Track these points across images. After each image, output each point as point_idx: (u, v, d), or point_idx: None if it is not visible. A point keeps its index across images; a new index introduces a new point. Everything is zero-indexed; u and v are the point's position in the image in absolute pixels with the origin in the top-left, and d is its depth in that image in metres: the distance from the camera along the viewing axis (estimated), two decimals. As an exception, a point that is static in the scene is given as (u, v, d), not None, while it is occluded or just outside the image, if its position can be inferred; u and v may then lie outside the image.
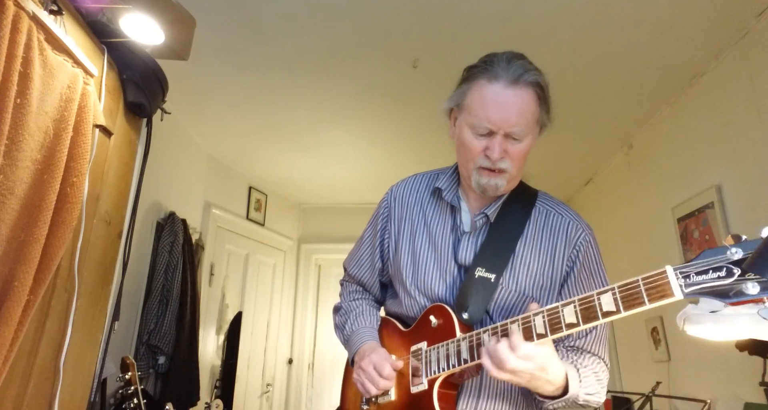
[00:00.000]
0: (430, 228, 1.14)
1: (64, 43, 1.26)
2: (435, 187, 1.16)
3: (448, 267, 1.09)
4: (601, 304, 0.76)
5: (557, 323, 0.81)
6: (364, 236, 1.30)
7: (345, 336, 1.23)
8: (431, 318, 1.04)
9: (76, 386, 1.41)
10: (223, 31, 2.29)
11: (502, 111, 0.98)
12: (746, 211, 2.21)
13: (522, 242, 1.06)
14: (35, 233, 1.12)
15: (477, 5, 2.09)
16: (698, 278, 0.65)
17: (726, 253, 0.65)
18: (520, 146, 1.01)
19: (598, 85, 2.63)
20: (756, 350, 1.81)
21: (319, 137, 3.37)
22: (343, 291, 1.37)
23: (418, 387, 1.01)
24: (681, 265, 0.68)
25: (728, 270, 0.64)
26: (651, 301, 0.69)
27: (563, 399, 0.92)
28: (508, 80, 0.99)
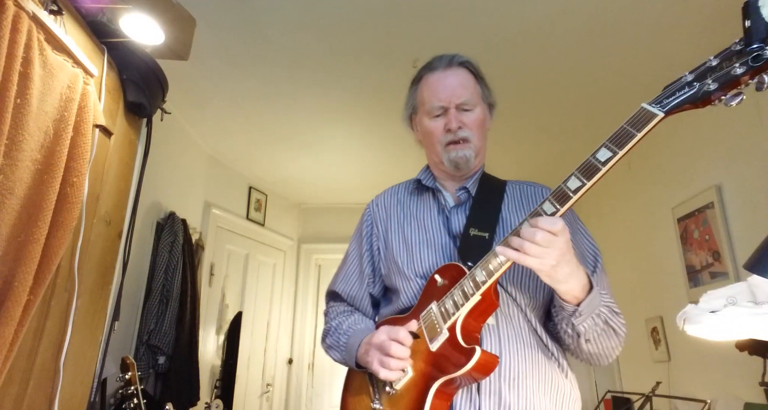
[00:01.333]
0: (417, 216, 1.19)
1: (64, 43, 1.26)
2: (415, 180, 1.25)
3: (441, 242, 1.13)
4: (598, 157, 0.82)
5: (563, 195, 0.85)
6: (348, 252, 1.31)
7: (342, 347, 1.16)
8: (436, 277, 1.04)
9: (76, 386, 1.41)
10: (223, 31, 2.29)
11: (447, 88, 1.14)
12: (746, 211, 2.21)
13: (505, 207, 1.15)
14: (35, 234, 1.12)
15: (477, 5, 2.09)
16: (668, 100, 0.76)
17: (682, 79, 0.76)
18: (473, 115, 1.14)
19: (598, 85, 2.63)
20: (756, 350, 1.81)
21: (319, 137, 3.38)
22: (329, 315, 1.30)
23: (438, 339, 0.97)
24: (650, 100, 0.78)
25: (689, 85, 0.75)
26: (639, 130, 0.78)
27: (589, 298, 0.91)
28: (443, 66, 1.17)
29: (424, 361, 0.99)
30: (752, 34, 0.66)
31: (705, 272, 2.44)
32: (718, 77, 0.72)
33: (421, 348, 1.00)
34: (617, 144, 0.81)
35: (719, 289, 1.08)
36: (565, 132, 3.15)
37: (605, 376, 3.78)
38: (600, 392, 3.76)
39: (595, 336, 0.97)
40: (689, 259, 2.58)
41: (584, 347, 0.99)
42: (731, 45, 0.71)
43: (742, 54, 0.69)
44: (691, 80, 0.75)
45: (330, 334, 1.22)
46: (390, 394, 1.03)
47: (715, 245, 2.36)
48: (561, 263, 0.86)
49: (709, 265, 2.41)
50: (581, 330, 0.95)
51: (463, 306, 0.95)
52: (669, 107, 0.76)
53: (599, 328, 0.96)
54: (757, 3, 0.67)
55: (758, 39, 0.66)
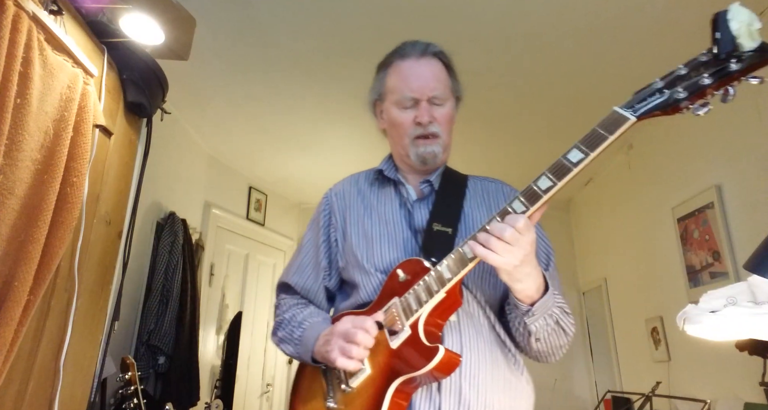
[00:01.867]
0: (377, 209, 1.16)
1: (64, 43, 1.26)
2: (376, 170, 1.21)
3: (402, 235, 1.10)
4: (570, 158, 0.82)
5: (534, 194, 0.84)
6: (302, 243, 1.25)
7: (296, 340, 1.10)
8: (398, 272, 1.00)
9: (76, 386, 1.41)
10: (223, 32, 2.29)
11: (420, 79, 1.09)
12: (746, 211, 2.21)
13: (467, 202, 1.13)
14: (35, 233, 1.12)
15: (477, 5, 2.09)
16: (640, 105, 0.77)
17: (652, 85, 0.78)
18: (443, 110, 1.11)
19: (597, 85, 2.63)
20: (756, 350, 1.81)
21: (319, 137, 3.38)
22: (281, 308, 1.22)
23: (399, 336, 0.94)
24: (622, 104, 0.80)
25: (660, 91, 0.77)
26: (611, 133, 0.79)
27: (543, 299, 0.92)
28: (417, 54, 1.12)
29: (383, 358, 0.96)
30: (720, 47, 0.68)
31: (705, 272, 2.44)
32: (687, 86, 0.73)
33: (380, 345, 0.96)
34: (589, 146, 0.81)
35: (719, 289, 1.08)
36: (564, 132, 3.15)
37: (605, 376, 3.79)
38: (600, 392, 3.77)
39: (546, 336, 0.97)
40: (689, 259, 2.58)
41: (534, 345, 0.99)
42: (699, 55, 0.72)
43: (709, 65, 0.71)
44: (662, 87, 0.76)
45: (282, 327, 1.16)
46: (346, 392, 0.99)
47: (715, 245, 2.36)
48: (524, 262, 0.86)
49: (709, 265, 2.41)
50: (533, 329, 0.95)
51: (427, 303, 0.93)
52: (640, 112, 0.77)
53: (550, 328, 0.96)
54: (726, 16, 0.68)
55: (725, 51, 0.68)
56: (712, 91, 0.71)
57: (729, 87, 0.71)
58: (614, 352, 3.57)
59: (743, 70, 0.69)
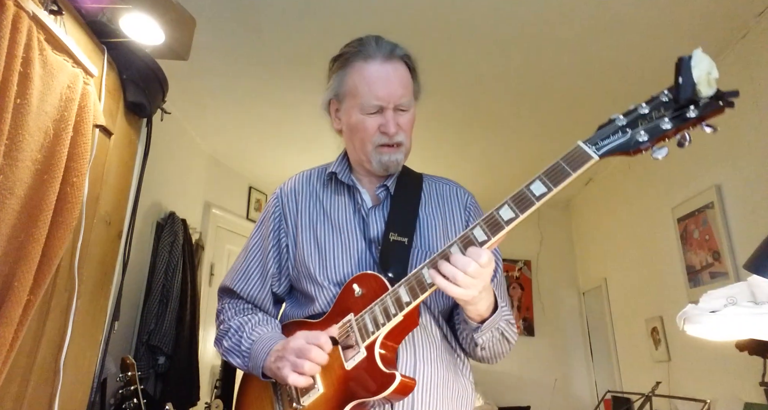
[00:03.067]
0: (330, 215, 1.11)
1: (64, 43, 1.26)
2: (329, 172, 1.16)
3: (356, 247, 1.06)
4: (533, 190, 0.82)
5: (496, 224, 0.83)
6: (249, 246, 1.17)
7: (244, 352, 1.03)
8: (354, 286, 0.98)
9: (76, 386, 1.41)
10: (223, 31, 2.29)
11: (387, 86, 1.03)
12: (746, 211, 2.21)
13: (422, 208, 1.11)
14: (35, 233, 1.12)
15: (477, 5, 2.09)
16: (604, 143, 0.79)
17: (615, 122, 0.79)
18: (407, 116, 1.08)
19: (597, 85, 2.63)
20: (756, 350, 1.81)
21: (319, 137, 3.37)
22: (226, 314, 1.14)
23: (354, 358, 0.92)
24: (586, 139, 0.81)
25: (622, 130, 0.78)
26: (574, 169, 0.79)
27: (492, 318, 0.94)
28: (383, 57, 1.05)
29: (336, 378, 0.93)
30: (680, 91, 0.70)
31: (705, 272, 2.44)
32: (649, 129, 0.75)
33: (334, 364, 0.94)
34: (553, 180, 0.81)
35: (719, 289, 1.08)
36: (560, 132, 3.15)
37: (605, 376, 3.79)
38: (600, 392, 3.77)
39: (491, 346, 1.00)
40: (689, 259, 2.58)
41: (478, 353, 1.02)
42: (660, 94, 0.75)
43: (669, 106, 0.73)
44: (624, 125, 0.78)
45: (228, 336, 1.08)
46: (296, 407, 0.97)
47: (715, 245, 2.36)
48: (481, 292, 0.86)
49: (709, 265, 2.41)
50: (480, 341, 0.97)
51: (384, 326, 0.90)
52: (603, 151, 0.78)
53: (495, 339, 0.99)
54: (690, 61, 0.70)
55: (685, 97, 0.70)
56: (672, 135, 0.75)
57: (686, 132, 0.74)
58: (614, 352, 3.57)
59: (700, 118, 0.72)
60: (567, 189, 3.05)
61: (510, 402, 3.82)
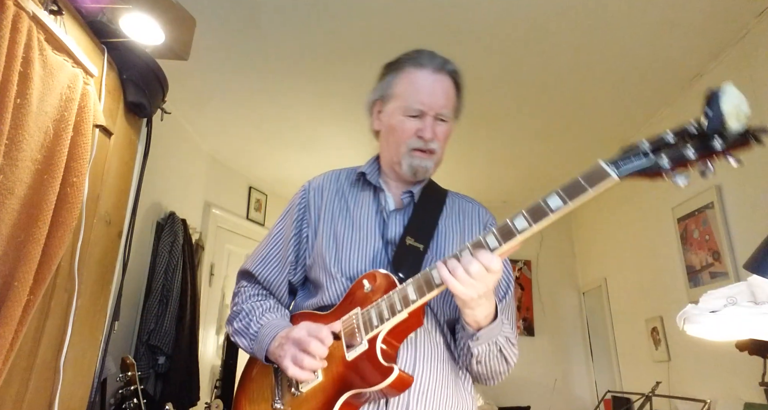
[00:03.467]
0: (352, 213, 1.14)
1: (64, 43, 1.26)
2: (358, 172, 1.20)
3: (373, 246, 1.09)
4: (549, 203, 0.83)
5: (509, 232, 0.85)
6: (272, 233, 1.22)
7: (251, 335, 1.08)
8: (364, 282, 1.00)
9: (76, 386, 1.41)
10: (224, 32, 2.29)
11: (432, 93, 1.09)
12: (746, 211, 2.21)
13: (443, 220, 1.14)
14: (35, 233, 1.12)
15: (477, 5, 2.09)
16: (625, 165, 0.78)
17: (639, 146, 0.78)
18: (445, 127, 1.11)
19: (598, 85, 2.63)
20: (756, 350, 1.81)
21: (319, 137, 3.38)
22: (241, 296, 1.19)
23: (356, 349, 0.93)
24: (608, 159, 0.80)
25: (645, 155, 0.77)
26: (592, 186, 0.79)
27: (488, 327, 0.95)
28: (434, 67, 1.11)
29: (336, 368, 0.96)
30: (708, 122, 0.71)
31: (705, 272, 2.44)
32: (672, 156, 0.75)
33: (335, 354, 0.96)
34: (569, 195, 0.81)
35: (719, 289, 1.08)
36: (561, 132, 3.15)
37: (605, 376, 3.79)
38: (600, 392, 3.77)
39: (486, 361, 1.00)
40: (689, 259, 2.58)
41: (474, 367, 1.02)
42: (687, 125, 0.74)
43: (695, 137, 0.74)
44: (648, 150, 0.78)
45: (240, 318, 1.13)
46: (294, 396, 0.99)
47: (715, 245, 2.36)
48: (480, 296, 0.88)
49: (709, 265, 2.41)
50: (475, 352, 0.98)
51: (388, 321, 0.93)
52: (624, 173, 0.78)
53: (492, 354, 0.99)
54: (720, 94, 0.70)
55: (712, 129, 0.71)
56: (694, 164, 0.74)
57: (709, 162, 0.74)
58: (614, 352, 3.57)
59: (725, 150, 0.73)
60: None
61: (510, 402, 3.82)
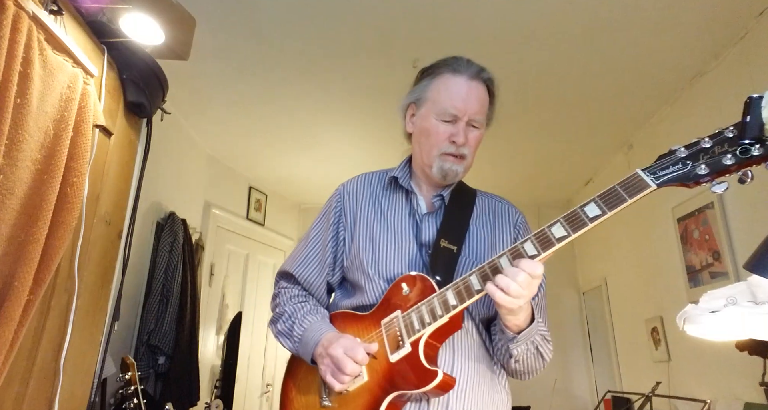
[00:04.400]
0: (387, 216, 1.18)
1: (64, 43, 1.26)
2: (390, 176, 1.23)
3: (408, 248, 1.13)
4: (587, 212, 0.84)
5: (547, 240, 0.87)
6: (310, 235, 1.26)
7: (295, 337, 1.13)
8: (402, 285, 1.04)
9: (76, 386, 1.41)
10: (223, 32, 2.29)
11: (467, 99, 1.11)
12: (746, 211, 2.21)
13: (474, 221, 1.17)
14: (35, 233, 1.12)
15: (477, 5, 2.09)
16: (663, 173, 0.80)
17: (676, 153, 0.80)
18: (477, 133, 1.14)
19: (598, 85, 2.63)
20: (756, 350, 1.80)
21: (319, 137, 3.38)
22: (282, 298, 1.23)
23: (399, 352, 0.98)
24: (645, 167, 0.82)
25: (683, 162, 0.79)
26: (631, 196, 0.81)
27: (528, 329, 0.98)
28: (470, 74, 1.13)
29: (380, 369, 1.00)
30: (747, 129, 0.71)
31: (705, 272, 2.44)
32: (710, 163, 0.76)
33: (379, 356, 1.01)
34: (608, 204, 0.83)
35: (719, 289, 1.08)
36: (561, 132, 3.15)
37: (605, 376, 3.79)
38: (600, 392, 3.77)
39: (524, 359, 1.04)
40: (689, 259, 2.58)
41: (513, 366, 1.06)
42: (725, 130, 0.75)
43: (732, 143, 0.73)
44: (684, 158, 0.79)
45: (283, 320, 1.18)
46: (341, 394, 1.04)
47: (715, 245, 2.36)
48: (524, 305, 0.92)
49: (709, 265, 2.41)
50: (514, 352, 1.02)
51: (430, 326, 0.96)
52: (662, 181, 0.80)
53: (530, 353, 1.03)
54: (760, 102, 0.70)
55: (751, 136, 0.71)
56: (733, 170, 0.74)
57: (748, 170, 0.73)
58: (614, 352, 3.57)
59: (764, 157, 0.72)
60: (567, 189, 3.10)
61: (510, 402, 3.82)
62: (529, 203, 4.33)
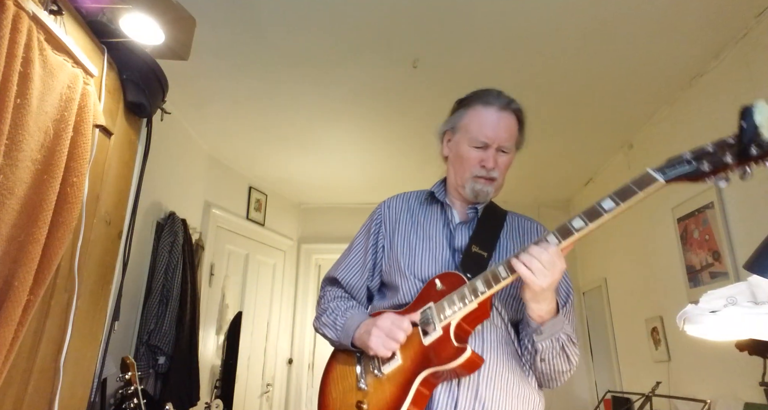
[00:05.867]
0: (423, 226, 1.30)
1: (64, 43, 1.26)
2: (429, 192, 1.35)
3: (442, 254, 1.23)
4: (603, 206, 0.95)
5: (567, 231, 0.98)
6: (354, 244, 1.39)
7: (338, 326, 1.24)
8: (436, 281, 1.13)
9: (76, 386, 1.41)
10: (223, 31, 2.29)
11: (496, 129, 1.23)
12: (746, 211, 2.21)
13: (504, 234, 1.28)
14: (35, 233, 1.12)
15: (477, 5, 2.09)
16: (670, 170, 0.91)
17: (682, 156, 0.90)
18: (506, 158, 1.26)
19: (598, 85, 2.63)
20: (756, 350, 1.81)
21: (319, 137, 3.38)
22: (326, 297, 1.37)
23: (431, 335, 1.07)
24: (655, 167, 0.93)
25: (688, 162, 0.89)
26: (641, 189, 0.91)
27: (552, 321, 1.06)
28: (500, 106, 1.25)
29: (414, 352, 1.09)
30: (743, 134, 0.82)
31: (705, 272, 2.44)
32: (712, 161, 0.86)
33: (414, 341, 1.10)
34: (621, 198, 0.94)
35: (719, 289, 1.08)
36: (561, 132, 3.15)
37: (605, 376, 3.79)
38: (600, 392, 3.77)
39: (550, 358, 1.09)
40: (689, 259, 2.58)
41: (539, 365, 1.11)
42: (726, 138, 0.85)
43: (733, 147, 0.84)
44: (690, 159, 0.90)
45: (328, 314, 1.30)
46: (377, 377, 1.13)
47: (715, 245, 2.36)
48: (549, 287, 1.00)
49: (709, 265, 2.41)
50: (539, 347, 1.08)
51: (460, 310, 1.05)
52: (669, 177, 0.91)
53: (555, 351, 1.08)
54: (753, 109, 0.81)
55: (747, 138, 0.81)
56: (732, 168, 0.84)
57: (747, 167, 0.83)
58: (614, 352, 3.57)
59: (761, 156, 0.82)
60: (567, 189, 3.12)
61: (510, 402, 3.82)
62: (529, 203, 4.33)
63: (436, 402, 1.08)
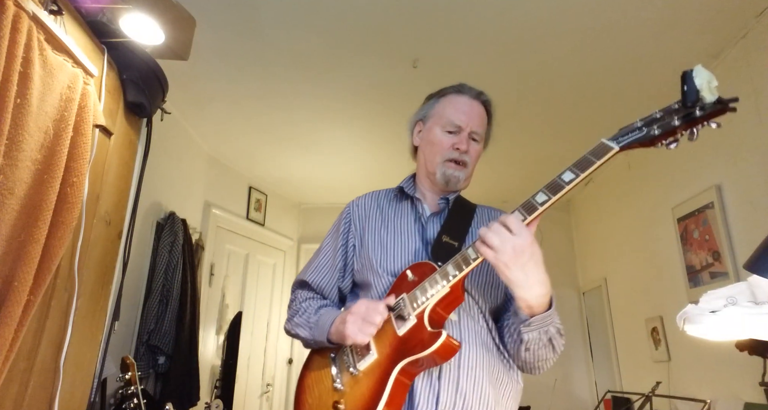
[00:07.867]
0: (394, 222, 1.29)
1: (64, 43, 1.26)
2: (398, 188, 1.34)
3: (413, 245, 1.22)
4: (563, 178, 0.95)
5: (531, 206, 0.97)
6: (322, 246, 1.37)
7: (311, 324, 1.21)
8: (408, 273, 1.11)
9: (76, 386, 1.41)
10: (223, 31, 2.29)
11: (469, 114, 1.27)
12: (746, 211, 2.21)
13: (475, 223, 1.27)
14: (35, 233, 1.12)
15: (477, 5, 2.09)
16: (623, 138, 0.94)
17: (634, 124, 0.95)
18: (477, 146, 1.28)
19: (598, 85, 2.63)
20: (756, 350, 1.80)
21: (319, 137, 3.38)
22: (297, 299, 1.34)
23: (405, 325, 1.04)
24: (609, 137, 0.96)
25: (639, 129, 0.93)
26: (598, 159, 0.93)
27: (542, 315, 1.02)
28: (471, 95, 1.30)
29: (390, 344, 1.06)
30: (686, 98, 0.86)
31: (705, 272, 2.44)
32: (661, 126, 0.90)
33: (388, 333, 1.07)
34: (579, 168, 0.94)
35: (719, 289, 1.08)
36: (561, 133, 3.15)
37: (605, 376, 3.79)
38: (600, 392, 3.77)
39: (535, 349, 1.07)
40: (689, 259, 2.58)
41: (522, 354, 1.09)
42: (671, 104, 0.90)
43: (679, 111, 0.88)
44: (641, 126, 0.93)
45: (300, 314, 1.27)
46: (353, 375, 1.09)
47: (715, 245, 2.36)
48: (516, 266, 0.95)
49: (709, 265, 2.41)
50: (525, 338, 1.05)
51: (432, 296, 1.03)
52: (623, 143, 0.94)
53: (541, 343, 1.06)
54: (692, 73, 0.85)
55: (690, 101, 0.85)
56: (681, 130, 0.89)
57: (694, 129, 0.88)
58: (614, 352, 3.57)
59: (705, 117, 0.85)
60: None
61: (510, 402, 3.82)
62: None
63: (418, 398, 1.06)
